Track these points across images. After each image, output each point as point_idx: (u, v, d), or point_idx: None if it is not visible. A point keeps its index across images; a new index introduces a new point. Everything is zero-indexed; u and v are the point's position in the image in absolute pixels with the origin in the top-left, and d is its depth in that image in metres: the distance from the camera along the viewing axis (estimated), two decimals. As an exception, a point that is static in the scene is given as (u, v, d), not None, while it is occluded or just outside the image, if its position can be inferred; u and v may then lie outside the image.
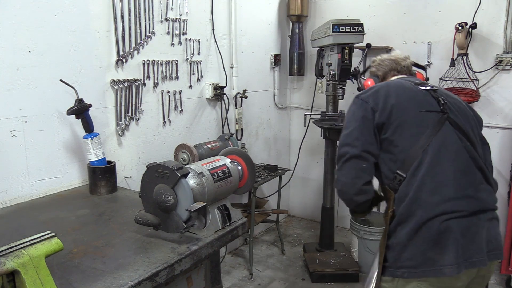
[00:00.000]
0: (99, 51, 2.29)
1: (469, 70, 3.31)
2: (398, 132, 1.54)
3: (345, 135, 1.62)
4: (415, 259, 1.46)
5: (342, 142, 1.62)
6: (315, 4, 4.12)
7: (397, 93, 1.60)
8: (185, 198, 1.45)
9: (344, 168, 1.59)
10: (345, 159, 1.58)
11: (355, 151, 1.56)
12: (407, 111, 1.56)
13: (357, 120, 1.59)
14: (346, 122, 1.65)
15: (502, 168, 3.46)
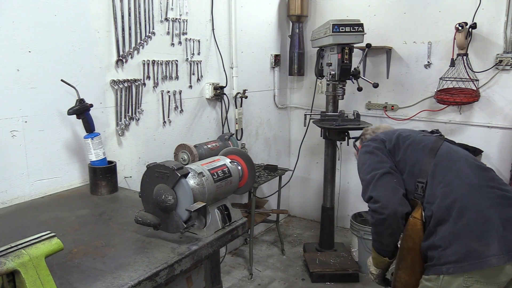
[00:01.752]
0: (99, 51, 2.29)
1: (469, 70, 3.31)
2: (408, 151, 1.71)
3: (365, 168, 1.72)
4: (459, 253, 1.44)
5: (367, 171, 1.70)
6: (315, 4, 4.12)
7: (398, 129, 1.88)
8: (185, 198, 1.45)
9: (379, 186, 1.63)
10: (376, 178, 1.63)
11: (384, 170, 1.66)
12: (410, 136, 1.77)
13: (371, 153, 1.75)
14: (362, 162, 1.78)
15: (502, 168, 3.46)
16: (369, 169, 1.69)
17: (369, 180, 1.66)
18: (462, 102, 3.33)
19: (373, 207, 1.60)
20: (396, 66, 3.76)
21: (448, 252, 1.46)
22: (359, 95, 3.79)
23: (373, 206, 1.60)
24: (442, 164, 1.61)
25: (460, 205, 1.48)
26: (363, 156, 1.79)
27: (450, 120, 3.63)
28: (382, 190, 1.61)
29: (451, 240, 1.46)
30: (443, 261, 1.47)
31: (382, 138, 1.81)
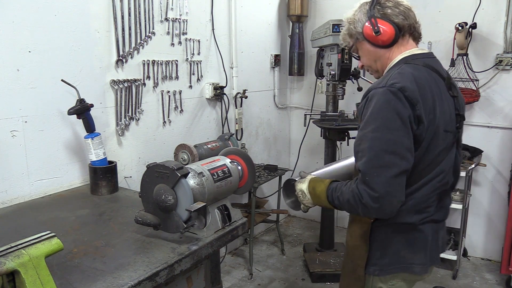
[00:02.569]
0: (99, 51, 2.29)
1: (469, 70, 3.31)
2: (425, 151, 1.36)
3: (390, 139, 1.27)
4: (389, 258, 1.45)
5: (387, 148, 1.26)
6: (315, 4, 4.12)
7: (432, 99, 1.35)
8: (185, 198, 1.45)
9: (395, 186, 1.27)
10: (396, 174, 1.26)
11: (406, 165, 1.28)
12: (437, 132, 1.37)
13: (404, 124, 1.27)
14: (388, 119, 1.28)
15: (502, 168, 3.47)
16: (390, 144, 1.26)
17: (384, 164, 1.26)
18: (462, 102, 3.33)
19: (370, 204, 1.28)
20: (396, 66, 3.75)
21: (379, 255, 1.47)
22: (359, 95, 3.79)
23: (370, 203, 1.28)
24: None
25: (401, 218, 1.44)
26: (389, 114, 1.28)
27: (450, 120, 3.62)
28: (396, 195, 1.28)
29: (385, 245, 1.46)
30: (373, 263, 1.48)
31: (416, 98, 1.29)
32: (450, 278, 3.31)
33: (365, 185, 1.28)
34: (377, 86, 1.33)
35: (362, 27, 1.43)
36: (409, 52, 1.43)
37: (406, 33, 1.43)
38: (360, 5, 1.46)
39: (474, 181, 3.57)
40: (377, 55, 1.47)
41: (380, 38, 1.40)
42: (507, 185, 3.42)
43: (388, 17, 1.40)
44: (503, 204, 3.48)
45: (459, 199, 3.26)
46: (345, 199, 1.36)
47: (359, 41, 1.48)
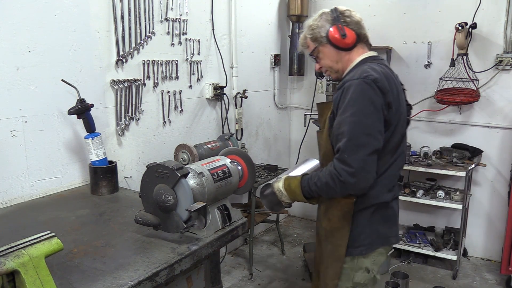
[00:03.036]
0: (99, 51, 2.29)
1: (469, 70, 3.31)
2: (391, 134, 1.56)
3: (366, 123, 1.45)
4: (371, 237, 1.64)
5: (363, 131, 1.45)
6: (315, 4, 4.12)
7: (396, 90, 1.59)
8: (185, 198, 1.45)
9: (369, 163, 1.45)
10: (370, 152, 1.44)
11: (378, 144, 1.47)
12: (400, 118, 1.59)
13: (377, 110, 1.47)
14: (363, 106, 1.46)
15: (502, 168, 3.47)
16: (366, 128, 1.45)
17: (360, 144, 1.44)
18: (462, 102, 3.33)
19: (348, 180, 1.44)
20: (396, 66, 3.76)
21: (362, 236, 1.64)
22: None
23: (348, 179, 1.44)
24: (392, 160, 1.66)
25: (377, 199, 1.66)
26: (364, 99, 1.47)
27: (450, 120, 3.63)
28: (370, 171, 1.46)
29: (366, 225, 1.64)
30: (357, 244, 1.63)
31: (386, 87, 1.50)
32: (450, 278, 3.31)
33: (342, 163, 1.46)
34: (352, 78, 1.51)
35: (326, 32, 1.62)
36: (367, 54, 1.66)
37: (361, 40, 1.65)
38: (321, 13, 1.66)
39: (474, 181, 3.57)
40: (338, 57, 1.66)
41: (345, 41, 1.60)
42: (507, 185, 3.42)
43: (348, 24, 1.62)
44: (503, 204, 3.48)
45: (459, 199, 3.26)
46: (323, 182, 1.53)
47: (322, 44, 1.65)
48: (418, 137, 3.76)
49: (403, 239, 3.60)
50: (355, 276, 1.66)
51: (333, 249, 1.65)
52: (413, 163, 3.39)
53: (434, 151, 3.60)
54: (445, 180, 3.63)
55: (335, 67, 1.68)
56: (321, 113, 1.74)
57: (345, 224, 1.61)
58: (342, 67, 1.67)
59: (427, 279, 3.30)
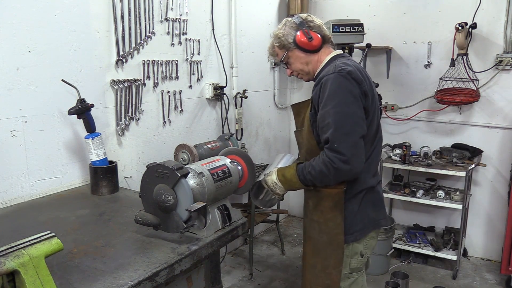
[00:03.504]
0: (99, 51, 2.29)
1: (469, 70, 3.31)
2: (370, 123, 1.66)
3: (349, 112, 1.54)
4: (363, 222, 1.74)
5: (347, 119, 1.54)
6: (315, 4, 4.12)
7: (368, 80, 1.70)
8: (185, 198, 1.45)
9: (358, 148, 1.55)
10: (357, 138, 1.54)
11: (363, 130, 1.58)
12: (375, 107, 1.71)
13: (356, 99, 1.57)
14: (343, 96, 1.55)
15: (502, 168, 3.47)
16: (350, 116, 1.55)
17: (348, 131, 1.53)
18: (462, 102, 3.33)
19: (341, 167, 1.52)
20: (396, 66, 3.76)
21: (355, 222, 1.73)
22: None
23: (342, 166, 1.52)
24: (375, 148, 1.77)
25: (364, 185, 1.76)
26: (343, 90, 1.56)
27: (450, 120, 3.63)
28: (360, 156, 1.55)
29: (357, 212, 1.73)
30: (351, 231, 1.72)
31: (360, 78, 1.60)
32: (450, 278, 3.31)
33: (334, 152, 1.54)
34: (328, 74, 1.61)
35: (293, 38, 1.72)
36: (335, 53, 1.78)
37: (326, 41, 1.78)
38: (285, 22, 1.77)
39: (474, 181, 3.57)
40: (308, 60, 1.76)
41: (312, 43, 1.71)
42: (507, 185, 3.42)
43: (312, 28, 1.74)
44: (503, 204, 3.48)
45: (459, 199, 3.26)
46: (317, 171, 1.60)
47: (290, 50, 1.75)
48: (418, 137, 3.76)
49: (403, 239, 3.60)
50: (351, 262, 1.75)
51: (331, 239, 1.72)
52: (413, 163, 3.39)
53: (434, 151, 3.60)
54: (445, 180, 3.63)
55: (305, 69, 1.79)
56: (297, 113, 1.85)
57: (338, 213, 1.70)
58: (312, 68, 1.78)
59: (427, 279, 3.30)
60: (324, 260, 1.75)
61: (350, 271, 1.76)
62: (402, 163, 3.42)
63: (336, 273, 1.73)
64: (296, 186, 1.73)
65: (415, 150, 3.63)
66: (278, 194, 1.79)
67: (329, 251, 1.73)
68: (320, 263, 1.76)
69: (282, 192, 1.78)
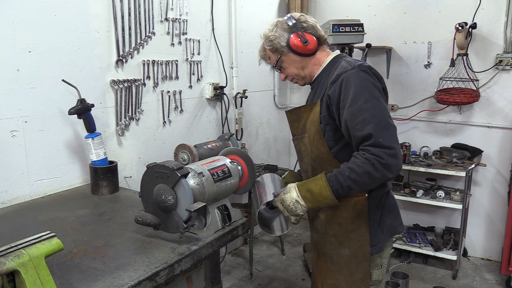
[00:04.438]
0: (99, 51, 2.29)
1: (469, 70, 3.31)
2: None
3: (381, 105, 1.45)
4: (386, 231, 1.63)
5: (383, 113, 1.44)
6: (315, 4, 4.12)
7: None
8: (185, 198, 1.45)
9: (397, 141, 1.43)
10: (395, 132, 1.43)
11: (394, 124, 1.47)
12: (387, 101, 1.61)
13: (381, 93, 1.49)
14: (372, 91, 1.45)
15: (502, 168, 3.47)
16: (383, 110, 1.44)
17: (386, 124, 1.41)
18: (462, 102, 3.33)
19: (391, 162, 1.38)
20: (396, 66, 3.76)
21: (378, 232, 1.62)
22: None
23: (391, 160, 1.37)
24: None
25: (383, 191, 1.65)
26: (370, 87, 1.46)
27: (450, 120, 3.63)
28: (400, 151, 1.42)
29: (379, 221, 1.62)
30: (374, 242, 1.60)
31: (379, 74, 1.53)
32: (450, 278, 3.31)
33: (379, 147, 1.38)
34: (346, 70, 1.49)
35: (287, 41, 1.61)
36: (335, 53, 1.67)
37: (322, 43, 1.66)
38: (276, 23, 1.64)
39: (474, 181, 3.57)
40: (304, 64, 1.65)
41: (308, 47, 1.60)
42: (507, 185, 3.42)
43: (306, 30, 1.61)
44: (503, 204, 3.48)
45: (459, 199, 3.26)
46: (360, 173, 1.40)
47: (284, 54, 1.64)
48: (418, 137, 3.76)
49: (403, 239, 3.60)
50: (373, 274, 1.63)
51: (355, 252, 1.58)
52: (413, 163, 3.40)
53: (434, 151, 3.60)
54: (445, 180, 3.63)
55: (301, 74, 1.68)
56: (297, 119, 1.69)
57: (362, 222, 1.56)
58: (309, 72, 1.67)
59: (427, 279, 3.30)
60: (350, 276, 1.60)
61: (372, 283, 1.64)
62: (402, 163, 3.41)
63: (365, 286, 1.60)
64: (327, 201, 1.48)
65: (415, 150, 3.64)
66: (298, 215, 1.53)
67: (353, 265, 1.59)
68: (344, 281, 1.61)
69: (303, 212, 1.53)
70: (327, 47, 1.71)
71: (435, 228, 3.75)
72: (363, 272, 1.59)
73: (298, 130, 1.70)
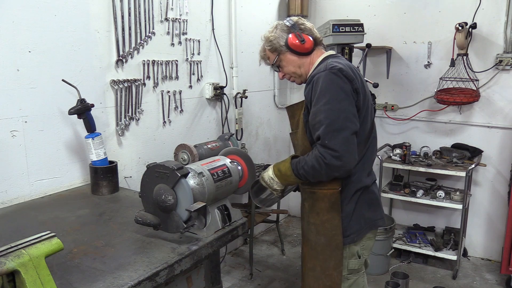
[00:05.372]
0: (99, 51, 2.29)
1: (469, 70, 3.31)
2: (362, 120, 1.65)
3: (340, 108, 1.53)
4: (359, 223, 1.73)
5: (339, 115, 1.52)
6: (315, 4, 4.12)
7: (360, 78, 1.68)
8: (185, 198, 1.45)
9: (350, 144, 1.53)
10: (349, 134, 1.52)
11: (355, 127, 1.56)
12: (368, 105, 1.69)
13: (348, 96, 1.56)
14: (335, 93, 1.55)
15: (502, 168, 3.47)
16: (341, 112, 1.53)
17: (338, 127, 1.51)
18: (462, 102, 3.33)
19: (333, 162, 1.51)
20: (396, 66, 3.76)
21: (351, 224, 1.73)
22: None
23: (333, 161, 1.50)
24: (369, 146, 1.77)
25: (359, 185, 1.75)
26: (334, 87, 1.55)
27: (450, 120, 3.63)
28: (351, 152, 1.53)
29: (352, 213, 1.72)
30: (347, 233, 1.71)
31: (352, 75, 1.59)
32: (450, 278, 3.31)
33: (325, 148, 1.53)
34: (319, 72, 1.61)
35: (285, 40, 1.72)
36: (327, 53, 1.78)
37: (318, 44, 1.78)
38: (276, 25, 1.77)
39: (474, 181, 3.57)
40: (300, 62, 1.76)
41: (305, 46, 1.71)
42: (507, 185, 3.42)
43: (304, 31, 1.74)
44: (503, 204, 3.48)
45: (459, 199, 3.26)
46: (309, 166, 1.58)
47: (282, 53, 1.75)
48: (418, 137, 3.76)
49: (403, 239, 3.60)
50: (349, 263, 1.75)
51: (329, 240, 1.71)
52: (413, 163, 3.39)
53: (434, 151, 3.60)
54: (445, 180, 3.63)
55: (298, 72, 1.79)
56: (292, 115, 1.83)
57: (335, 214, 1.69)
58: (305, 71, 1.78)
59: (427, 279, 3.30)
60: (324, 262, 1.73)
61: (348, 272, 1.76)
62: (402, 163, 3.42)
63: (337, 274, 1.72)
64: (291, 180, 1.69)
65: (415, 150, 3.63)
66: (276, 190, 1.74)
67: (328, 252, 1.72)
68: (319, 266, 1.75)
69: (280, 187, 1.73)
70: (323, 48, 1.82)
71: (435, 228, 3.75)
72: (336, 260, 1.71)
73: (293, 126, 1.84)
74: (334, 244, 1.70)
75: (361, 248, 1.76)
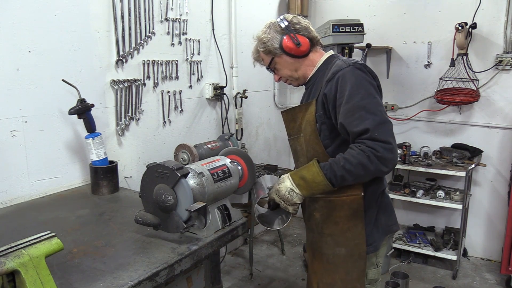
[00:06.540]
0: (99, 51, 2.29)
1: (469, 70, 3.31)
2: None
3: (378, 102, 1.46)
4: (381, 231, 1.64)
5: (379, 109, 1.44)
6: (315, 4, 4.12)
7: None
8: (185, 198, 1.45)
9: (394, 137, 1.43)
10: (391, 127, 1.43)
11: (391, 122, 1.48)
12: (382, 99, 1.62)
13: (377, 92, 1.50)
14: (368, 88, 1.46)
15: (502, 168, 3.47)
16: (378, 106, 1.45)
17: (382, 121, 1.41)
18: (462, 102, 3.33)
19: (386, 155, 1.37)
20: (396, 66, 3.76)
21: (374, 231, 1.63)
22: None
23: (386, 154, 1.37)
24: None
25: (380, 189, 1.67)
26: (366, 84, 1.47)
27: (450, 120, 3.63)
28: (396, 146, 1.42)
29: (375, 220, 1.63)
30: (370, 242, 1.61)
31: (374, 72, 1.55)
32: (450, 278, 3.31)
33: (376, 141, 1.38)
34: (342, 68, 1.51)
35: (279, 43, 1.61)
36: (329, 53, 1.68)
37: (315, 44, 1.66)
38: (269, 24, 1.65)
39: (474, 181, 3.57)
40: (297, 65, 1.66)
41: (300, 49, 1.61)
42: (507, 185, 3.42)
43: (299, 31, 1.62)
44: (503, 204, 3.48)
45: (459, 199, 3.26)
46: (354, 164, 1.40)
47: (277, 56, 1.64)
48: (418, 137, 3.76)
49: (403, 239, 3.60)
50: (368, 273, 1.64)
51: (351, 251, 1.59)
52: (413, 163, 3.40)
53: (434, 151, 3.60)
54: (445, 180, 3.63)
55: (294, 75, 1.69)
56: (292, 119, 1.70)
57: (358, 221, 1.57)
58: (302, 73, 1.68)
59: (427, 279, 3.30)
60: (346, 275, 1.60)
61: (368, 282, 1.65)
62: (402, 163, 3.42)
63: (360, 285, 1.61)
64: (320, 187, 1.47)
65: (415, 150, 3.64)
66: (295, 204, 1.52)
67: (350, 263, 1.59)
68: (340, 279, 1.62)
69: (300, 200, 1.51)
70: (320, 48, 1.71)
71: (435, 228, 3.75)
72: (359, 271, 1.59)
73: (293, 130, 1.71)
74: (357, 254, 1.58)
75: (378, 256, 1.66)
